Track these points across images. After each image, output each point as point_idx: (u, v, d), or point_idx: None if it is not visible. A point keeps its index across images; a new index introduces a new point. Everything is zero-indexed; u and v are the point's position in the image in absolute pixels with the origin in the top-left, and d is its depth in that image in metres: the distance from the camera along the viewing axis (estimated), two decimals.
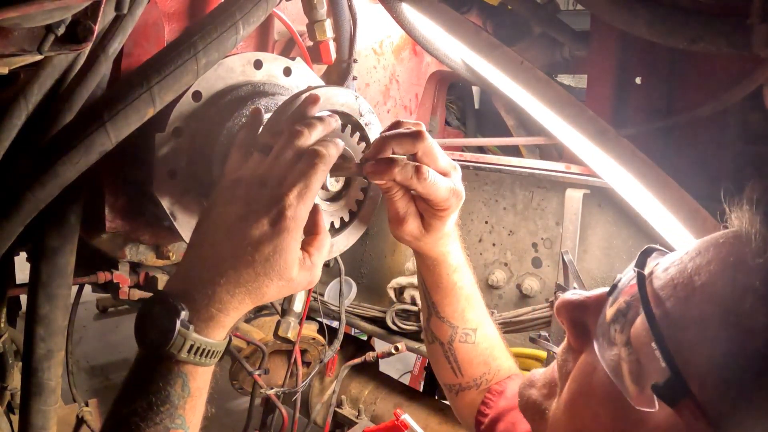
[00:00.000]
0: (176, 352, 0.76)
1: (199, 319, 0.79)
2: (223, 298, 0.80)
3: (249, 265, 0.80)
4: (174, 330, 0.76)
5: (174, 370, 0.78)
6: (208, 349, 0.79)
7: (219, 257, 0.81)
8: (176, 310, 0.77)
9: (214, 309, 0.80)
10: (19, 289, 1.33)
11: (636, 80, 1.60)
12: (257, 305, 0.85)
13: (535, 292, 1.73)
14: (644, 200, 1.30)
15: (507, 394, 1.10)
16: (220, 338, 0.81)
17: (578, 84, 2.83)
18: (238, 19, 1.04)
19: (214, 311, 0.80)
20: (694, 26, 1.17)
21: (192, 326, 0.77)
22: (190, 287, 0.80)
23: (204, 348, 0.78)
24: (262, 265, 0.80)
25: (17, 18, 0.75)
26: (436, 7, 1.32)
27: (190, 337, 0.77)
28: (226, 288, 0.80)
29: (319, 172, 0.85)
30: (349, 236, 1.15)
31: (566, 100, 1.22)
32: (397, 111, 1.97)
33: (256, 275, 0.80)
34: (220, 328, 0.81)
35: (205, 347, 0.79)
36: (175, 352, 0.76)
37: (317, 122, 0.91)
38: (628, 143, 1.22)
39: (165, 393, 0.77)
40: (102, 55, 1.04)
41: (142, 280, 1.55)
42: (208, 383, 0.83)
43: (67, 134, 1.00)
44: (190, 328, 0.77)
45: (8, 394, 1.58)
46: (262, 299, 0.83)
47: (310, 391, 2.12)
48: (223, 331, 0.81)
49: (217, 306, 0.80)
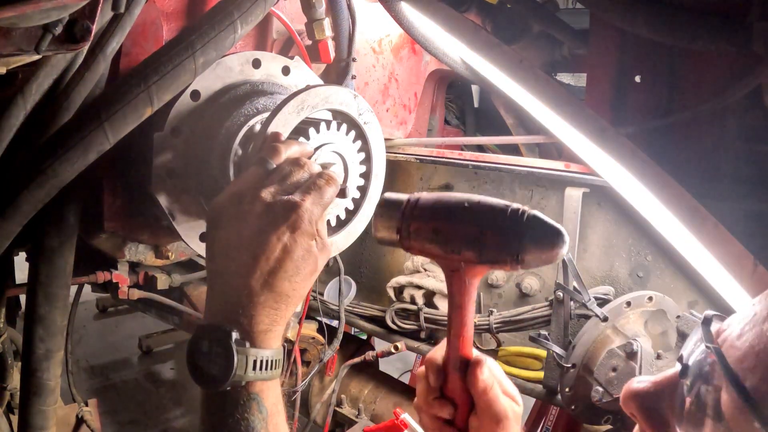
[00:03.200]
0: (243, 373, 0.76)
1: (251, 334, 0.78)
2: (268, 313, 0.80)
3: (284, 278, 0.80)
4: (233, 352, 0.75)
5: (245, 395, 0.77)
6: (270, 359, 0.79)
7: (249, 279, 0.80)
8: (227, 333, 0.76)
9: (263, 325, 0.79)
10: (19, 289, 1.33)
11: (635, 79, 1.59)
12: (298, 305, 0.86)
13: (534, 290, 1.73)
14: (644, 199, 1.30)
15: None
16: (276, 347, 0.81)
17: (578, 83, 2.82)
18: (236, 18, 1.04)
19: (264, 326, 0.79)
20: (694, 24, 1.17)
21: (247, 343, 0.77)
22: (230, 315, 0.79)
23: (266, 360, 0.78)
24: (294, 272, 0.81)
25: (14, 18, 0.75)
26: (435, 5, 1.32)
27: (250, 353, 0.76)
28: (267, 304, 0.80)
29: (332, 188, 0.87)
30: (348, 235, 1.14)
31: (565, 98, 1.22)
32: (396, 110, 1.97)
33: (291, 284, 0.81)
34: (274, 338, 0.81)
35: (267, 358, 0.78)
36: (242, 373, 0.75)
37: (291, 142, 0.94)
38: (627, 142, 1.22)
39: (245, 422, 0.76)
40: (100, 54, 1.04)
41: (142, 279, 1.55)
42: (281, 399, 0.82)
43: (66, 134, 1.00)
44: (246, 345, 0.77)
45: (8, 394, 1.58)
46: (299, 299, 0.84)
47: (309, 391, 2.11)
48: (278, 339, 0.82)
49: (265, 321, 0.79)
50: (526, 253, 0.78)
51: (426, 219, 0.84)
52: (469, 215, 0.82)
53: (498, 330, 1.65)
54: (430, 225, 0.84)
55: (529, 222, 0.79)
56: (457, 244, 0.82)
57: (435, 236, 0.83)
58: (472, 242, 0.81)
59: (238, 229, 0.82)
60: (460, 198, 0.84)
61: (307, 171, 0.88)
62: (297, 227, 0.81)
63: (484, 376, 0.85)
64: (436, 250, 0.84)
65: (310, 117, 1.04)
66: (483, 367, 0.85)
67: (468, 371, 0.86)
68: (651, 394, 0.65)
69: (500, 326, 1.64)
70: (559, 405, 1.64)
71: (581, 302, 1.43)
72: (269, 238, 0.80)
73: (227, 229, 0.83)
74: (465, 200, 0.83)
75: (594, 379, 1.38)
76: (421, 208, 0.85)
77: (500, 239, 0.79)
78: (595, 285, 1.61)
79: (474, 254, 0.81)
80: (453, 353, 0.87)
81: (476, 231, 0.80)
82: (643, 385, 0.66)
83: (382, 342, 1.96)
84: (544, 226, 0.79)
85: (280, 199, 0.82)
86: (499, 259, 0.80)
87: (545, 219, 0.80)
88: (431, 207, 0.85)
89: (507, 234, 0.79)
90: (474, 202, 0.83)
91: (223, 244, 0.83)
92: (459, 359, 0.87)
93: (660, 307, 1.43)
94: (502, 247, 0.79)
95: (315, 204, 0.84)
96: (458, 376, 0.87)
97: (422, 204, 0.86)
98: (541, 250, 0.78)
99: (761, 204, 1.41)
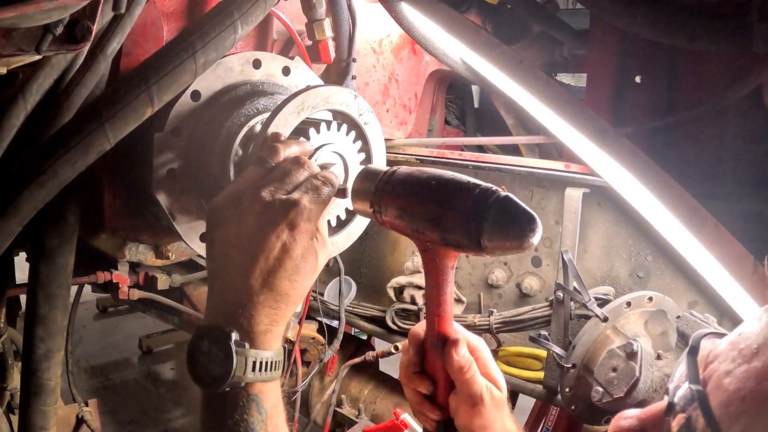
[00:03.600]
0: (242, 374, 0.75)
1: (250, 335, 0.78)
2: (267, 313, 0.79)
3: (284, 277, 0.79)
4: (232, 353, 0.74)
5: (244, 396, 0.77)
6: (270, 360, 0.78)
7: (249, 278, 0.79)
8: (226, 334, 0.76)
9: (262, 325, 0.79)
10: (19, 289, 1.34)
11: (635, 79, 1.59)
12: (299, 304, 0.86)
13: (534, 291, 1.73)
14: (644, 199, 1.30)
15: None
16: (276, 348, 0.80)
17: (578, 83, 2.82)
18: (237, 18, 1.04)
19: (264, 326, 0.79)
20: (694, 24, 1.17)
21: (246, 344, 0.76)
22: (230, 315, 0.79)
23: (266, 361, 0.77)
24: (294, 271, 0.80)
25: (15, 18, 0.75)
26: (436, 6, 1.32)
27: (250, 354, 0.76)
28: (267, 303, 0.79)
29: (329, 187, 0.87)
30: (349, 235, 1.14)
31: (566, 99, 1.22)
32: (396, 110, 1.97)
33: (291, 283, 0.80)
34: (273, 338, 0.80)
35: (267, 359, 0.78)
36: (242, 374, 0.75)
37: None
38: (627, 142, 1.22)
39: (244, 424, 0.76)
40: (100, 54, 1.04)
41: (142, 279, 1.55)
42: (280, 400, 0.82)
43: (66, 134, 1.00)
44: (245, 345, 0.76)
45: (8, 394, 1.58)
46: (300, 298, 0.83)
47: (310, 391, 2.11)
48: (277, 340, 0.81)
49: (264, 321, 0.79)
50: (488, 239, 0.72)
51: (395, 195, 0.81)
52: (433, 194, 0.77)
53: (498, 330, 1.65)
54: (397, 202, 0.81)
55: (495, 205, 0.72)
56: (421, 223, 0.78)
57: (401, 213, 0.80)
58: (434, 223, 0.77)
59: (238, 228, 0.81)
60: (431, 175, 0.80)
61: (306, 170, 0.87)
62: (296, 225, 0.80)
63: (459, 355, 0.85)
64: (403, 228, 0.81)
65: (311, 117, 1.04)
66: (459, 347, 0.85)
67: (445, 350, 0.85)
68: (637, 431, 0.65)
69: (500, 326, 1.64)
70: (559, 405, 1.64)
71: (581, 302, 1.43)
72: (268, 236, 0.79)
73: (226, 229, 0.82)
74: (435, 177, 0.79)
75: (594, 379, 1.38)
76: (393, 183, 0.83)
77: (461, 221, 0.74)
78: (596, 285, 1.61)
79: (436, 235, 0.77)
80: (431, 332, 0.87)
81: (438, 211, 0.76)
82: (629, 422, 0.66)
83: (383, 342, 1.96)
84: (512, 211, 0.72)
85: (279, 197, 0.82)
86: (461, 243, 0.75)
87: (515, 204, 0.73)
88: (401, 182, 0.82)
89: (468, 216, 0.73)
90: (443, 180, 0.78)
91: (223, 244, 0.83)
92: (437, 337, 0.86)
93: (660, 308, 1.43)
94: (462, 229, 0.74)
95: (313, 202, 0.83)
96: (437, 354, 0.87)
97: (394, 179, 0.83)
98: (504, 237, 0.71)
99: (761, 204, 1.41)
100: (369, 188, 0.85)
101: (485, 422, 0.87)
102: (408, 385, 0.91)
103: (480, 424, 0.87)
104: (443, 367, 0.87)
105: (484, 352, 0.92)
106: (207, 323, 0.80)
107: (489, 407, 0.87)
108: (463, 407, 0.87)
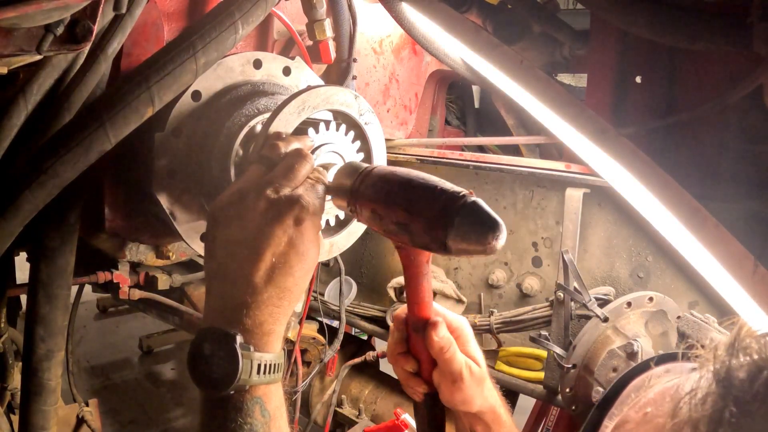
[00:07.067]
0: (248, 377, 0.74)
1: (255, 336, 0.77)
2: (271, 312, 0.78)
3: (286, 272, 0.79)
4: (237, 356, 0.73)
5: (248, 399, 0.76)
6: (273, 363, 0.77)
7: (253, 276, 0.78)
8: (231, 337, 0.74)
9: (266, 326, 0.78)
10: (19, 289, 1.34)
11: (636, 79, 1.60)
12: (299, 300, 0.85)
13: (535, 291, 1.73)
14: (644, 199, 1.30)
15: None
16: (278, 350, 0.80)
17: (578, 83, 2.82)
18: (237, 18, 1.04)
19: (267, 327, 0.78)
20: (694, 25, 1.17)
21: (251, 346, 0.75)
22: (232, 316, 0.78)
23: (270, 363, 0.77)
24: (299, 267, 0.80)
25: (16, 18, 0.75)
26: (436, 6, 1.32)
27: (255, 357, 0.75)
28: (271, 302, 0.78)
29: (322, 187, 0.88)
30: (349, 235, 1.14)
31: (566, 99, 1.22)
32: (396, 110, 1.97)
33: (294, 278, 0.80)
34: (276, 339, 0.80)
35: (270, 361, 0.77)
36: (247, 377, 0.74)
37: None
38: (628, 142, 1.21)
39: (247, 427, 0.75)
40: (101, 54, 1.04)
41: (142, 279, 1.55)
42: (283, 402, 0.81)
43: (67, 134, 1.00)
44: (250, 348, 0.75)
45: (8, 394, 1.59)
46: (299, 298, 0.83)
47: (310, 391, 2.11)
48: (279, 341, 0.80)
49: (268, 321, 0.78)
50: (453, 244, 0.75)
51: (367, 198, 0.85)
52: (402, 199, 0.80)
53: (498, 330, 1.65)
54: (370, 205, 0.84)
55: (460, 211, 0.75)
56: (391, 226, 0.81)
57: (373, 216, 0.84)
58: (402, 227, 0.80)
59: (242, 225, 0.81)
60: (401, 178, 0.82)
61: (309, 162, 0.88)
62: (302, 220, 0.81)
63: (438, 336, 0.92)
64: (377, 229, 0.85)
65: (311, 117, 1.04)
66: (438, 329, 0.92)
67: (425, 332, 0.93)
68: None
69: (501, 327, 1.64)
70: (559, 405, 1.64)
71: (582, 303, 1.43)
72: (275, 231, 0.79)
73: (230, 227, 0.82)
74: (403, 181, 0.82)
75: (594, 379, 1.38)
76: (366, 185, 0.85)
77: (427, 227, 0.77)
78: (596, 285, 1.61)
79: (406, 238, 0.81)
80: (412, 317, 0.94)
81: (405, 217, 0.79)
82: None
83: (383, 342, 1.96)
84: (476, 217, 0.75)
85: (283, 193, 0.82)
86: (429, 246, 0.79)
87: (480, 209, 0.75)
88: (374, 185, 0.85)
89: (433, 223, 0.76)
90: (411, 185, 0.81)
91: (226, 242, 0.82)
92: (418, 321, 0.93)
93: (660, 308, 1.43)
94: (428, 235, 0.77)
95: (316, 197, 0.85)
96: (418, 336, 0.94)
97: (368, 181, 0.85)
98: (468, 242, 0.74)
99: (761, 204, 1.41)
100: (346, 187, 0.88)
101: (465, 397, 0.94)
102: (395, 364, 0.98)
103: (461, 399, 0.94)
104: (425, 347, 0.94)
105: (465, 330, 0.98)
106: (209, 325, 0.79)
107: (468, 383, 0.93)
108: (445, 383, 0.93)
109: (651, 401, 0.55)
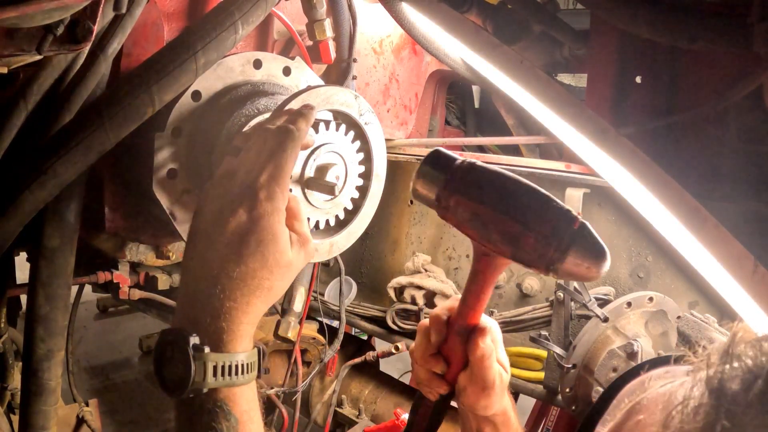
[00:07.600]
0: (202, 380, 0.70)
1: (212, 337, 0.73)
2: (228, 308, 0.74)
3: (239, 262, 0.74)
4: (189, 358, 0.70)
5: (209, 403, 0.72)
6: (235, 364, 0.73)
7: (209, 268, 0.75)
8: (183, 338, 0.71)
9: (223, 323, 0.73)
10: (19, 289, 1.34)
11: (636, 79, 1.59)
12: (270, 303, 0.79)
13: (535, 291, 1.73)
14: (644, 199, 1.29)
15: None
16: (244, 349, 0.75)
17: (578, 83, 2.82)
18: (237, 18, 1.04)
19: (224, 324, 0.73)
20: (694, 25, 1.17)
21: (207, 348, 0.71)
22: (195, 311, 0.74)
23: (229, 364, 0.72)
24: (254, 258, 0.75)
25: (16, 18, 0.75)
26: (436, 6, 1.32)
27: (209, 359, 0.70)
28: (228, 296, 0.74)
29: (288, 149, 0.80)
30: (349, 235, 1.15)
31: (566, 99, 1.22)
32: (396, 110, 1.97)
33: (252, 272, 0.75)
34: (238, 339, 0.74)
35: (230, 363, 0.72)
36: (201, 380, 0.70)
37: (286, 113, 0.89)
38: (628, 142, 1.21)
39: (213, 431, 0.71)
40: (101, 55, 1.04)
41: (142, 279, 1.55)
42: (254, 404, 0.77)
43: (67, 134, 1.00)
44: (204, 350, 0.71)
45: (8, 394, 1.58)
46: (269, 294, 0.77)
47: (310, 391, 2.11)
48: (243, 340, 0.75)
49: (225, 318, 0.73)
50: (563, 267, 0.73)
51: (469, 197, 0.77)
52: (515, 209, 0.75)
53: None
54: (471, 205, 0.77)
55: (575, 235, 0.73)
56: (495, 236, 0.76)
57: (473, 219, 0.77)
58: (510, 239, 0.75)
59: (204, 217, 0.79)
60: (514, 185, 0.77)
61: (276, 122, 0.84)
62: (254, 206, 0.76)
63: (484, 344, 0.87)
64: (471, 233, 0.79)
65: None
66: (486, 336, 0.88)
67: (470, 337, 0.88)
68: None
69: (501, 326, 1.63)
70: (559, 405, 1.64)
71: (582, 303, 1.43)
72: (227, 221, 0.75)
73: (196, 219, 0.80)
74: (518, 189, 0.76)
75: (594, 379, 1.38)
76: (468, 183, 0.78)
77: (540, 246, 0.73)
78: (596, 285, 1.61)
79: (509, 251, 0.76)
80: (461, 321, 0.88)
81: (518, 230, 0.74)
82: None
83: (383, 342, 1.96)
84: (590, 243, 0.73)
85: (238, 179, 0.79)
86: (533, 263, 0.75)
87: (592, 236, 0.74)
88: (478, 185, 0.77)
89: (548, 242, 0.73)
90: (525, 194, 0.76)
91: (193, 236, 0.79)
92: (467, 326, 0.88)
93: (660, 308, 1.43)
94: (539, 253, 0.74)
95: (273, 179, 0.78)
96: (459, 340, 0.89)
97: (470, 178, 0.78)
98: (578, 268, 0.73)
99: (761, 204, 1.41)
100: (439, 179, 0.80)
101: (489, 402, 0.91)
102: (423, 365, 0.92)
103: (484, 404, 0.91)
104: (463, 351, 0.89)
105: (496, 336, 0.94)
106: (173, 324, 0.76)
107: (497, 391, 0.90)
108: (473, 388, 0.90)
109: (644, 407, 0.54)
